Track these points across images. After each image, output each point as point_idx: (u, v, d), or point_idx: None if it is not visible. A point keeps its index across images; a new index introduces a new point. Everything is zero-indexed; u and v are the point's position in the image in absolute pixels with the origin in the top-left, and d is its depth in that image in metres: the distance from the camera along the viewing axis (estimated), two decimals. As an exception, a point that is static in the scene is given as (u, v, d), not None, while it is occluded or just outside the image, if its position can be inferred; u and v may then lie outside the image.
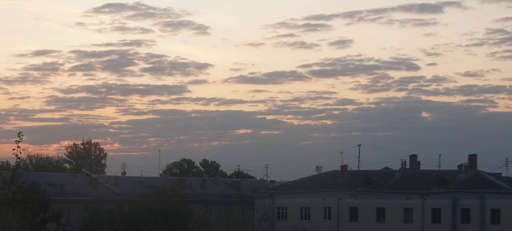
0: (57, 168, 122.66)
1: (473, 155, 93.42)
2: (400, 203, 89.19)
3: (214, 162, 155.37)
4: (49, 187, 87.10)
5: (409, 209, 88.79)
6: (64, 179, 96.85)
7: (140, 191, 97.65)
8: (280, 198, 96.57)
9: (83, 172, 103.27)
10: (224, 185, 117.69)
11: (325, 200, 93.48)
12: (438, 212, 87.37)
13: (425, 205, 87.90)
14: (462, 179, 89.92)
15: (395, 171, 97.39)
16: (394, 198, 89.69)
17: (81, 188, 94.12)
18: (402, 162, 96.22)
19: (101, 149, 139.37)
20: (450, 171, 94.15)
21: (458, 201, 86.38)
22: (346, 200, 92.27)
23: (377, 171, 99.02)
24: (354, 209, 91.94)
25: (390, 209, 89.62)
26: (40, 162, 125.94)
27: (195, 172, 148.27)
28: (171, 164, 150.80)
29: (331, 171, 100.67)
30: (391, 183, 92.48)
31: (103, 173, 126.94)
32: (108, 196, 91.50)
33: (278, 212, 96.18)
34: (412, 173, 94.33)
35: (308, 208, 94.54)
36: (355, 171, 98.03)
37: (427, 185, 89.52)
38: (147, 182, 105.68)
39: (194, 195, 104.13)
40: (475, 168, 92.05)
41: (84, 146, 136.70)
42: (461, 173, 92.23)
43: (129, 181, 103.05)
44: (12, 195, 24.59)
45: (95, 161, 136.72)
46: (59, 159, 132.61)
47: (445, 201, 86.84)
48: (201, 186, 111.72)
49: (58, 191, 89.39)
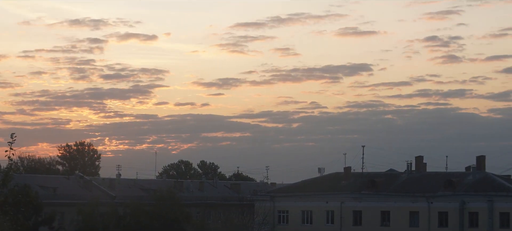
0: (50, 170, 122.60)
1: (482, 156, 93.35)
2: (406, 206, 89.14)
3: (212, 164, 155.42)
4: (41, 189, 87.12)
5: (415, 212, 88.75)
6: (56, 181, 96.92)
7: (135, 193, 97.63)
8: (281, 201, 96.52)
9: (77, 174, 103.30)
10: (223, 187, 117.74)
11: (328, 203, 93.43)
12: (445, 216, 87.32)
13: (432, 209, 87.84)
14: (470, 181, 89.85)
15: (401, 173, 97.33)
16: (399, 201, 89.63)
17: (74, 190, 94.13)
18: (408, 164, 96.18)
19: (95, 150, 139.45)
20: (457, 173, 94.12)
21: (465, 204, 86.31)
22: (349, 203, 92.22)
23: (381, 173, 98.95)
24: (357, 212, 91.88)
25: (395, 213, 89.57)
26: (32, 163, 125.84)
27: (193, 174, 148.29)
28: (168, 166, 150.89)
29: (334, 173, 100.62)
30: (396, 186, 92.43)
31: (97, 175, 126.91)
32: (102, 199, 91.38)
33: (279, 216, 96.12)
34: (418, 175, 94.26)
35: (310, 212, 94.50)
36: (359, 173, 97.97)
37: (434, 188, 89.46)
38: (143, 184, 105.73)
39: (191, 198, 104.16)
40: (484, 170, 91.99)
41: (77, 147, 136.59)
42: (469, 175, 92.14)
43: (124, 183, 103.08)
44: (3, 198, 24.54)
45: (89, 163, 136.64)
46: (51, 161, 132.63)
47: (452, 204, 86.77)
48: (199, 189, 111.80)
49: (51, 194, 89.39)
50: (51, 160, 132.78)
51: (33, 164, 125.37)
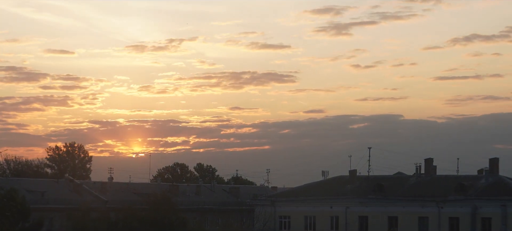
0: (38, 173, 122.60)
1: (495, 158, 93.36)
2: (415, 212, 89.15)
3: (209, 167, 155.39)
4: (29, 193, 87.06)
5: (424, 218, 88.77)
6: (45, 185, 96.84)
7: (128, 198, 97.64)
8: (283, 206, 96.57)
9: (66, 177, 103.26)
10: (221, 191, 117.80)
11: (332, 208, 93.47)
12: (456, 222, 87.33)
13: (442, 214, 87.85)
14: (483, 185, 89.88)
15: (409, 176, 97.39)
16: (408, 206, 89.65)
17: (64, 194, 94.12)
18: (417, 167, 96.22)
19: (86, 152, 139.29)
20: (469, 176, 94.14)
21: (478, 210, 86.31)
22: (355, 208, 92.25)
23: (389, 176, 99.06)
24: (363, 218, 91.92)
25: (404, 218, 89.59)
26: (19, 166, 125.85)
27: (189, 177, 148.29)
28: (162, 169, 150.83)
29: (338, 176, 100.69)
30: (405, 190, 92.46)
31: (88, 178, 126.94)
32: (93, 203, 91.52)
33: (280, 222, 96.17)
34: (428, 178, 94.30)
35: (313, 217, 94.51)
36: (365, 177, 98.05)
37: (444, 192, 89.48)
38: (136, 188, 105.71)
39: (188, 202, 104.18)
40: (497, 173, 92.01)
41: (67, 149, 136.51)
42: (481, 178, 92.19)
43: (117, 187, 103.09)
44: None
45: (79, 165, 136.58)
46: (39, 163, 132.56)
47: (464, 209, 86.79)
48: (196, 193, 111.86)
49: (39, 198, 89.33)
50: (39, 162, 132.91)
51: (20, 167, 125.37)
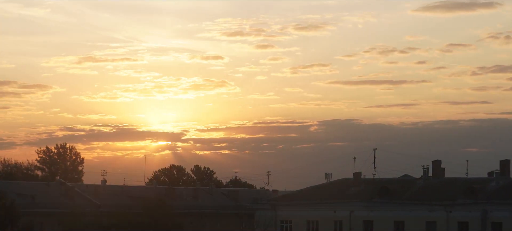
0: (28, 176, 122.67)
1: (506, 160, 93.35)
2: (422, 216, 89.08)
3: (207, 169, 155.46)
4: (18, 197, 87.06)
5: (432, 222, 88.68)
6: (35, 188, 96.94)
7: (122, 202, 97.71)
8: (284, 210, 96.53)
9: (57, 180, 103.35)
10: (219, 195, 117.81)
11: (336, 213, 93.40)
12: (466, 227, 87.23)
13: (451, 218, 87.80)
14: (493, 188, 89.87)
15: (416, 179, 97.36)
16: (415, 210, 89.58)
17: (55, 198, 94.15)
18: (424, 169, 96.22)
19: (78, 153, 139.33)
20: (479, 179, 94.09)
21: (488, 214, 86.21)
22: (359, 212, 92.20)
23: (395, 179, 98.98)
24: (368, 222, 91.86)
25: (410, 223, 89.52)
26: (8, 168, 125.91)
27: (186, 180, 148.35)
28: (158, 171, 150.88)
29: (342, 179, 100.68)
30: (412, 193, 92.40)
31: (80, 181, 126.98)
32: (85, 207, 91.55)
33: (282, 226, 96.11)
34: (436, 181, 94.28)
35: (316, 222, 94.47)
36: (370, 179, 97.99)
37: (453, 195, 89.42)
38: (130, 191, 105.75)
39: (185, 206, 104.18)
40: (508, 176, 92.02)
41: (58, 150, 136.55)
42: (491, 181, 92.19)
43: (110, 191, 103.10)
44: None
45: (71, 168, 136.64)
46: (29, 165, 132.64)
47: (473, 213, 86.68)
48: (193, 196, 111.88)
49: (29, 202, 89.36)
50: (29, 164, 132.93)
51: (9, 169, 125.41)
